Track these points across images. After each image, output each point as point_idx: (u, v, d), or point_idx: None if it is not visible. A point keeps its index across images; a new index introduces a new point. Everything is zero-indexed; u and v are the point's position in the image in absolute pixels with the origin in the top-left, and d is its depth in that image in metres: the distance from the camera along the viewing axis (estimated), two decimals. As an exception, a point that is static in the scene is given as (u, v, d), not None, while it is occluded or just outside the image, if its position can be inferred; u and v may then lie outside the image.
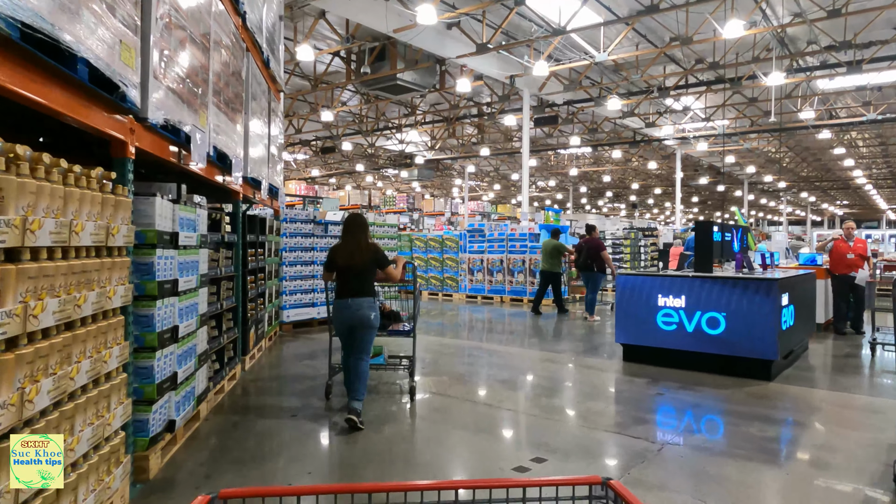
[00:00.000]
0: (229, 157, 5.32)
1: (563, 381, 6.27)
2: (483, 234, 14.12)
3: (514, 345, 8.49)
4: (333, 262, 4.77)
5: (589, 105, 20.56)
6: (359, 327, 4.66)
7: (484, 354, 7.72)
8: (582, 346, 8.33)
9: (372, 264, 4.71)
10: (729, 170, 32.87)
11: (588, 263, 10.70)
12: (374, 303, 4.69)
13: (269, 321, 8.22)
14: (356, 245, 4.71)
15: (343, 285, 4.71)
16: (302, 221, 9.45)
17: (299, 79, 19.58)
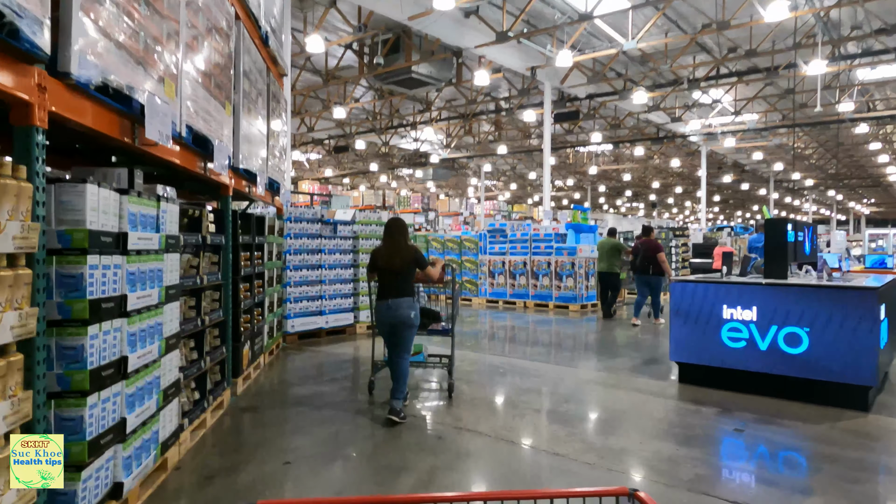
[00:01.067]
0: (211, 141, 4.31)
1: (615, 412, 5.17)
2: (504, 235, 13.04)
3: (548, 360, 7.40)
4: (375, 264, 4.92)
5: (612, 99, 19.40)
6: (399, 326, 4.78)
7: (514, 373, 6.65)
8: (628, 361, 7.22)
9: (411, 265, 4.82)
10: (754, 167, 31.46)
11: (645, 266, 9.97)
12: (413, 302, 4.79)
13: (270, 333, 7.22)
14: (396, 247, 4.84)
15: (384, 286, 4.85)
16: (308, 221, 8.44)
17: (310, 74, 18.65)
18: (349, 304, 8.97)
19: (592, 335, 9.53)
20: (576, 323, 10.72)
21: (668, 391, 5.76)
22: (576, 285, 11.97)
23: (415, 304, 4.83)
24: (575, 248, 11.96)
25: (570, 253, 11.99)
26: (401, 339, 4.85)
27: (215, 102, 4.51)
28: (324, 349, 7.87)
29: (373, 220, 9.48)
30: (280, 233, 7.87)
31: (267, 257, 7.05)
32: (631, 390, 5.81)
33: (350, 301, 8.98)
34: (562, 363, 7.13)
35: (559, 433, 4.48)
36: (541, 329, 10.14)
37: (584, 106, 21.16)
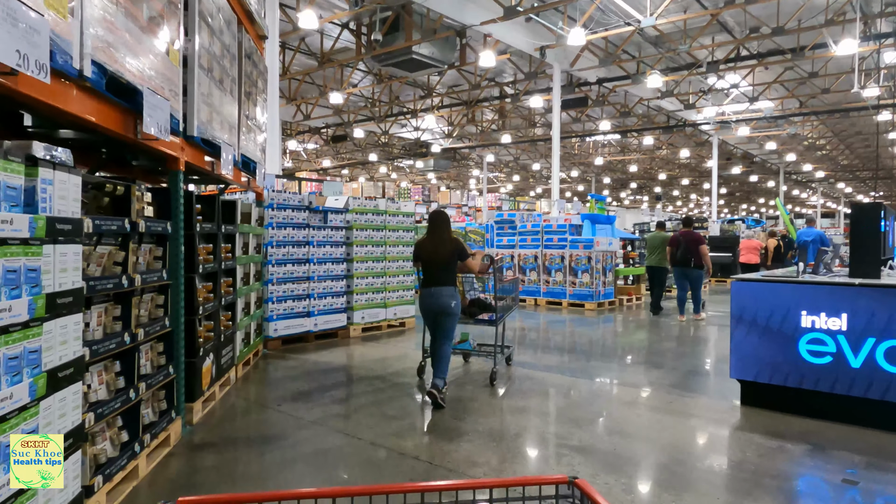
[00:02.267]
0: (140, 90, 3.11)
1: (676, 450, 3.99)
2: (513, 226, 11.83)
3: (574, 371, 6.23)
4: (419, 255, 5.06)
5: (624, 83, 18.16)
6: (440, 314, 4.94)
7: (535, 389, 5.47)
8: (672, 374, 6.04)
9: (453, 257, 4.92)
10: (764, 158, 30.23)
11: (686, 259, 9.42)
12: (454, 292, 4.93)
13: (246, 339, 6.04)
14: (439, 239, 4.96)
15: (427, 276, 4.99)
16: (294, 208, 7.23)
17: (305, 57, 17.40)
18: (341, 304, 7.78)
19: (619, 339, 8.34)
20: (595, 324, 9.53)
21: (732, 418, 4.58)
22: (592, 281, 10.79)
23: (456, 294, 4.95)
24: (592, 240, 10.77)
25: (587, 246, 10.80)
26: (442, 327, 5.00)
27: (150, 40, 3.30)
28: (311, 357, 6.68)
29: (369, 208, 8.28)
30: (260, 222, 6.67)
31: (241, 250, 5.85)
32: (686, 416, 4.63)
33: (342, 300, 7.79)
34: (591, 376, 5.94)
35: (613, 488, 3.30)
36: (557, 331, 8.95)
37: (593, 93, 19.91)
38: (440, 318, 4.96)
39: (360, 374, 5.92)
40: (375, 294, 8.27)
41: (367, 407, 4.74)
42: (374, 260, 8.24)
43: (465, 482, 1.45)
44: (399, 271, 8.63)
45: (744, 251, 14.38)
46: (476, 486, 1.44)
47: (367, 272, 8.15)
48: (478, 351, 6.06)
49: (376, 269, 8.28)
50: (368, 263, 8.17)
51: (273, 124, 9.75)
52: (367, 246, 8.15)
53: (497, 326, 5.54)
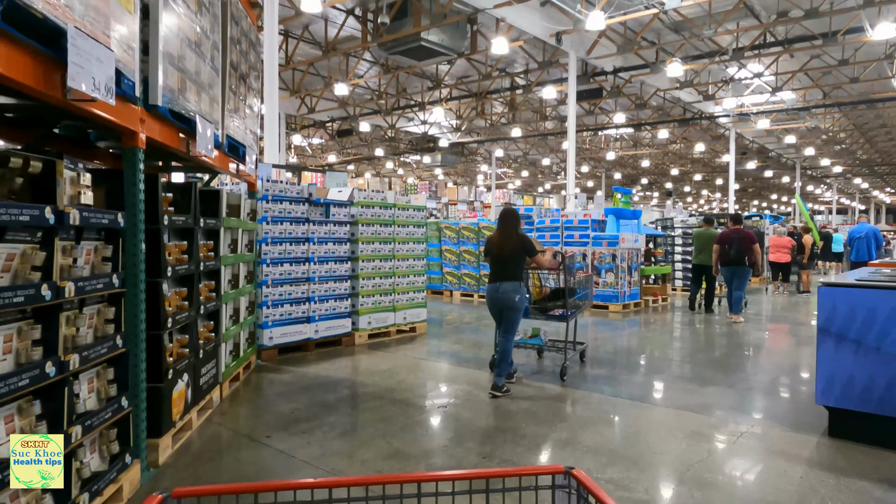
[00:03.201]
0: (63, 29, 2.25)
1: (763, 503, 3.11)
2: (530, 222, 10.93)
3: (612, 388, 5.34)
4: (488, 250, 5.16)
5: (642, 73, 17.20)
6: (505, 309, 5.00)
7: (569, 412, 4.59)
8: (732, 393, 5.15)
9: (520, 253, 4.97)
10: (781, 152, 29.17)
11: (739, 257, 9.00)
12: (519, 287, 4.96)
13: (234, 352, 5.18)
14: (507, 235, 5.01)
15: (494, 270, 5.08)
16: (291, 201, 6.37)
17: (309, 46, 16.52)
18: (345, 308, 6.91)
19: (656, 346, 7.44)
20: (624, 328, 8.63)
21: (826, 455, 3.68)
22: (617, 281, 9.88)
23: (520, 289, 4.98)
24: (617, 237, 9.86)
25: (612, 243, 9.89)
26: (506, 321, 5.05)
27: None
28: (311, 369, 5.81)
29: (376, 201, 7.40)
30: (252, 216, 5.81)
31: (228, 248, 4.99)
32: (766, 454, 3.73)
33: (346, 304, 6.93)
34: (636, 394, 5.05)
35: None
36: (581, 336, 8.05)
37: (608, 84, 18.96)
38: (505, 313, 5.02)
39: (366, 392, 5.05)
40: (383, 296, 7.40)
41: (374, 440, 3.86)
42: (382, 258, 7.37)
43: (461, 473, 1.42)
44: (409, 271, 7.75)
45: (773, 249, 13.44)
46: (472, 477, 1.42)
47: (374, 272, 7.28)
48: (549, 346, 6.02)
49: (384, 268, 7.41)
50: (376, 262, 7.30)
51: (272, 110, 8.88)
52: (375, 243, 7.29)
53: (568, 322, 5.50)
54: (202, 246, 4.32)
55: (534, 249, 5.04)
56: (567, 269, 5.52)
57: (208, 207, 4.53)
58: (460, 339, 7.54)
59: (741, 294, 9.19)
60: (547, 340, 6.08)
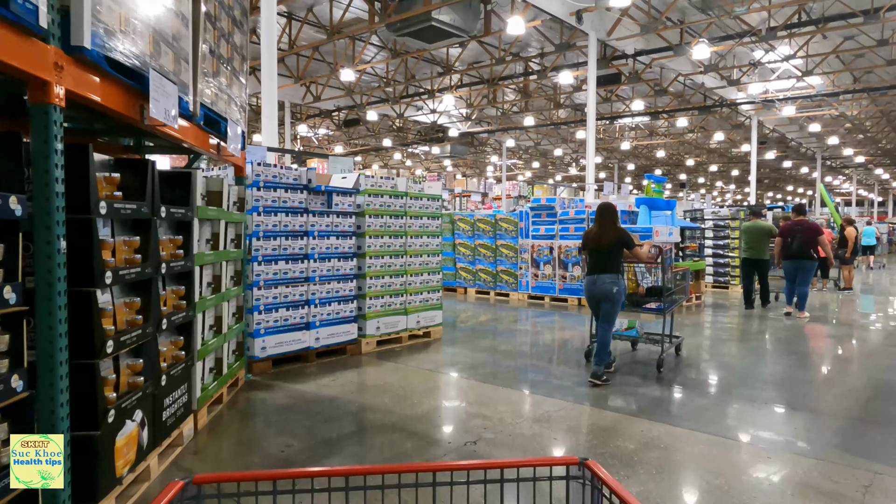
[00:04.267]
0: None
1: None
2: (552, 213, 9.93)
3: (668, 411, 4.38)
4: (586, 244, 5.24)
5: (665, 56, 16.08)
6: (603, 300, 5.07)
7: (624, 451, 3.63)
8: (827, 421, 4.17)
9: (617, 246, 5.03)
10: (801, 141, 27.95)
11: (803, 251, 8.48)
12: (617, 279, 5.03)
13: (215, 369, 4.25)
14: (604, 229, 5.08)
15: (592, 263, 5.16)
16: (287, 188, 5.41)
17: (314, 29, 15.53)
18: (351, 312, 5.97)
19: (710, 354, 6.46)
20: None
21: None
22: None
23: (618, 281, 5.03)
24: (650, 229, 8.83)
25: (644, 236, 8.86)
26: (603, 312, 5.09)
27: None
28: (309, 386, 4.87)
29: (386, 189, 6.43)
30: (240, 205, 4.85)
31: (207, 244, 4.06)
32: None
33: (352, 307, 5.98)
34: (698, 422, 4.08)
35: None
36: (622, 343, 7.08)
37: (627, 69, 17.85)
38: (602, 305, 5.08)
39: (375, 420, 4.10)
40: (394, 298, 6.45)
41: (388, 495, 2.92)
42: (392, 255, 6.42)
43: (476, 462, 1.42)
44: (423, 268, 6.79)
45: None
46: (488, 467, 1.40)
47: (383, 270, 6.33)
48: (645, 338, 5.97)
49: (395, 266, 6.46)
50: (385, 259, 6.35)
51: (271, 90, 7.92)
52: (384, 237, 6.33)
53: (665, 315, 5.52)
54: (167, 242, 3.38)
55: (632, 243, 5.05)
56: (664, 262, 5.54)
57: (177, 194, 3.58)
58: (482, 347, 6.58)
59: (806, 290, 8.68)
60: (643, 333, 6.03)
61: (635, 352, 6.38)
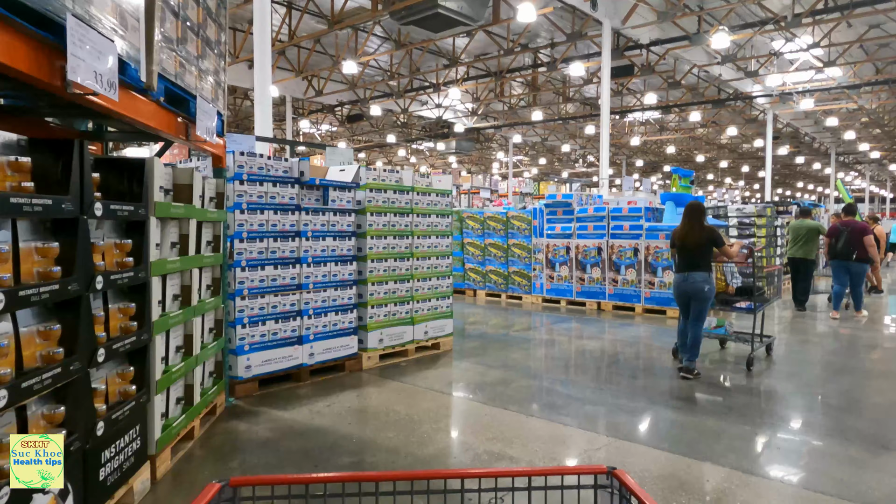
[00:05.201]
0: None
1: None
2: (569, 210, 9.15)
3: (717, 447, 3.61)
4: (674, 242, 5.34)
5: (681, 45, 15.27)
6: (693, 297, 5.12)
7: None
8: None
9: (706, 244, 5.08)
10: (815, 136, 27.05)
11: (847, 251, 8.06)
12: (708, 277, 5.10)
13: (184, 400, 3.49)
14: (690, 227, 5.18)
15: (681, 261, 5.24)
16: (276, 181, 4.65)
17: (314, 19, 14.76)
18: (350, 323, 5.21)
19: (773, 373, 5.68)
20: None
21: None
22: (677, 281, 8.10)
23: (709, 279, 5.10)
24: (677, 228, 8.04)
25: (670, 236, 8.08)
26: (694, 310, 5.13)
27: None
28: (301, 413, 4.11)
29: (390, 183, 5.66)
30: (218, 202, 4.09)
31: (173, 249, 3.30)
32: None
33: (351, 317, 5.22)
34: (759, 467, 3.31)
35: None
36: (657, 352, 6.30)
37: (640, 60, 17.02)
38: (692, 302, 5.12)
39: (375, 465, 3.33)
40: (399, 306, 5.68)
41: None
42: (397, 257, 5.65)
43: (505, 470, 1.40)
44: (431, 272, 6.03)
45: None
46: (515, 474, 1.39)
47: (386, 275, 5.56)
48: (734, 337, 5.88)
49: (400, 270, 5.69)
50: (389, 262, 5.59)
51: (264, 75, 7.16)
52: (388, 238, 5.57)
53: (756, 314, 5.45)
54: (110, 247, 2.62)
55: (721, 241, 5.08)
56: (755, 260, 5.53)
57: (128, 188, 2.83)
58: (499, 360, 5.81)
59: (859, 290, 8.39)
60: (732, 331, 5.93)
61: (724, 349, 6.27)
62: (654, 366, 5.76)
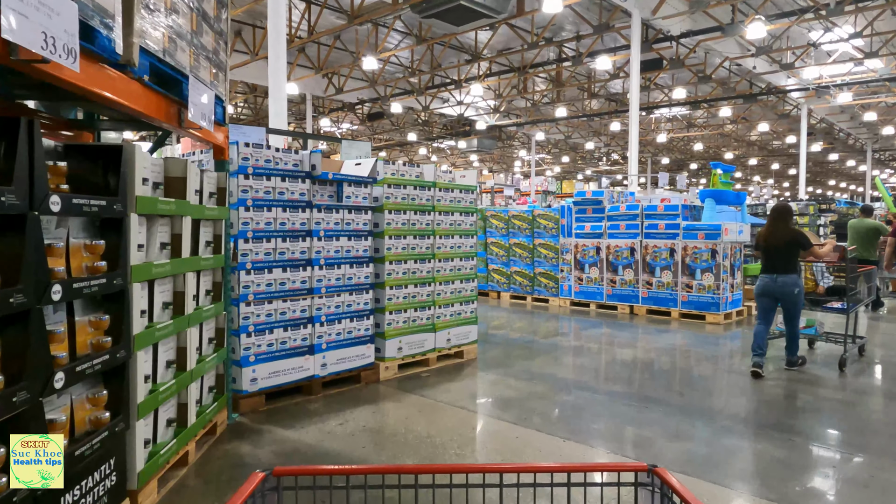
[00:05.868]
0: None
1: None
2: (600, 208, 8.59)
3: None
4: (758, 244, 5.30)
5: (713, 37, 14.58)
6: (781, 299, 5.14)
7: None
8: None
9: (792, 246, 5.04)
10: (851, 132, 25.93)
11: None
12: (796, 279, 5.07)
13: (175, 423, 3.07)
14: (774, 228, 5.15)
15: (767, 263, 5.18)
16: (285, 175, 4.21)
17: (334, 15, 14.38)
18: (366, 330, 4.76)
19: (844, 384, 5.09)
20: (742, 345, 6.29)
21: None
22: (718, 284, 7.50)
23: (798, 281, 5.08)
24: (719, 227, 7.45)
25: (711, 235, 7.50)
26: (785, 311, 5.17)
27: None
28: (310, 433, 3.66)
29: (410, 178, 5.19)
30: (219, 198, 3.66)
31: (160, 250, 2.87)
32: None
33: (367, 324, 4.77)
34: None
35: None
36: (703, 362, 5.73)
37: (669, 54, 16.32)
38: (782, 303, 5.14)
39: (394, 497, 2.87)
40: (419, 311, 5.21)
41: None
42: (417, 259, 5.18)
43: (543, 465, 1.37)
44: (455, 275, 5.55)
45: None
46: (555, 470, 1.36)
47: (406, 278, 5.10)
48: (824, 337, 5.84)
49: (421, 272, 5.22)
50: (409, 264, 5.12)
51: (279, 64, 6.76)
52: (407, 237, 5.10)
53: (849, 315, 5.35)
54: (77, 249, 2.20)
55: (808, 243, 5.05)
56: (848, 261, 5.51)
57: (103, 180, 2.40)
58: (531, 371, 5.31)
59: None
60: (822, 332, 5.85)
61: (812, 350, 6.16)
62: (704, 379, 5.21)
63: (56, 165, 2.16)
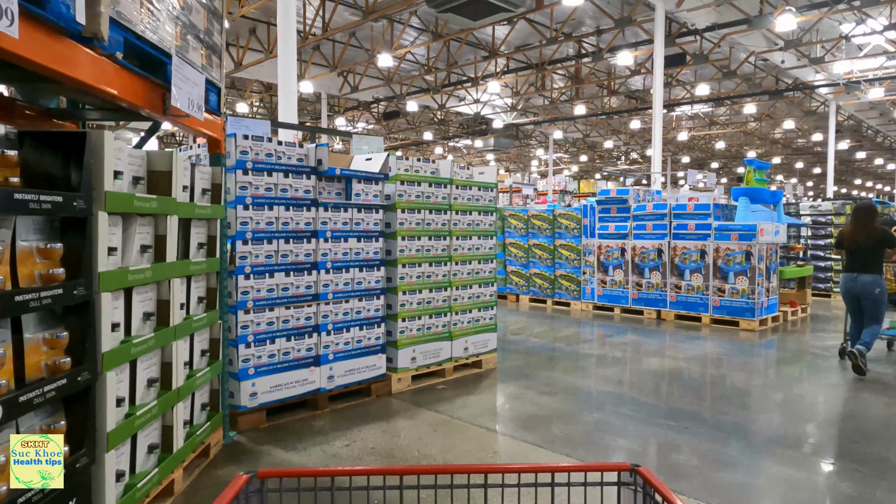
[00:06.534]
0: None
1: None
2: (626, 208, 8.12)
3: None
4: (841, 243, 5.25)
5: (739, 30, 13.98)
6: (863, 298, 5.07)
7: None
8: None
9: (877, 245, 4.98)
10: (880, 129, 25.02)
11: None
12: (878, 279, 5.01)
13: (159, 449, 2.71)
14: (859, 227, 5.08)
15: (850, 262, 5.13)
16: (289, 171, 3.84)
17: (348, 11, 14.05)
18: (377, 339, 4.37)
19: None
20: (793, 358, 5.79)
21: None
22: (753, 288, 7.00)
23: (880, 281, 5.02)
24: (754, 227, 6.95)
25: (745, 236, 7.00)
26: (867, 311, 5.09)
27: None
28: (314, 455, 3.28)
29: (425, 175, 4.80)
30: (215, 195, 3.29)
31: (140, 253, 2.51)
32: None
33: (378, 332, 4.38)
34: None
35: None
36: (742, 375, 5.26)
37: (692, 48, 15.74)
38: (863, 303, 5.06)
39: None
40: (434, 318, 4.81)
41: None
42: (432, 262, 4.78)
43: (528, 465, 1.38)
44: (473, 279, 5.14)
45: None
46: (538, 470, 1.37)
47: (420, 283, 4.70)
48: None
49: (437, 276, 4.82)
50: (423, 268, 4.72)
51: (287, 47, 6.42)
52: (422, 238, 4.71)
53: None
54: (27, 255, 1.83)
55: (893, 241, 4.95)
56: None
57: (67, 172, 2.04)
58: (556, 383, 4.88)
59: None
60: None
61: (892, 352, 6.03)
62: (745, 395, 4.74)
63: (4, 154, 1.80)
